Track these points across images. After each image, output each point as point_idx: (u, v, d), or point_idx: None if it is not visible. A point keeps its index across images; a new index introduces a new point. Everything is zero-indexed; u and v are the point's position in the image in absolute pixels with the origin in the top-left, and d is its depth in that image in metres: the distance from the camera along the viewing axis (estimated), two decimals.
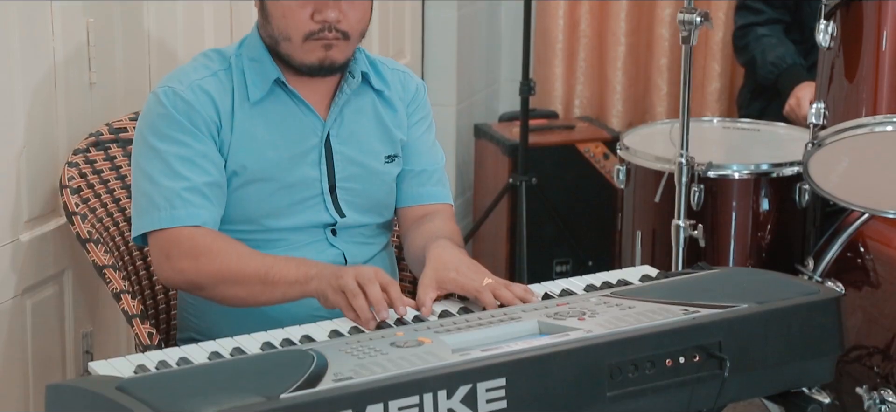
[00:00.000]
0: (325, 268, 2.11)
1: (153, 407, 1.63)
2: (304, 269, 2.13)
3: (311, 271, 2.12)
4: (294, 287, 2.12)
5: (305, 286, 2.11)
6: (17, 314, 2.49)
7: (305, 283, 2.11)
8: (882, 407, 2.84)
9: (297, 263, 2.15)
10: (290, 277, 2.13)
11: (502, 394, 1.76)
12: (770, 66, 3.73)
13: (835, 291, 2.07)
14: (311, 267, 2.13)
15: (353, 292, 2.03)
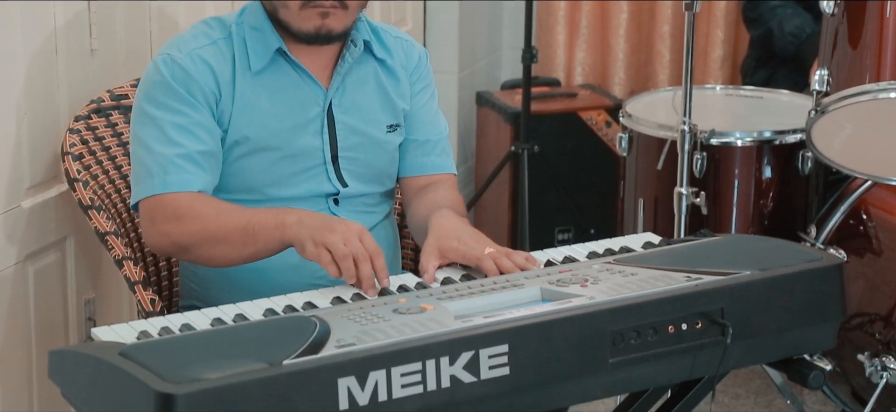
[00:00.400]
0: (307, 217, 2.09)
1: (156, 372, 1.64)
2: (283, 216, 2.11)
3: (290, 218, 2.10)
4: (274, 233, 2.10)
5: (284, 232, 2.09)
6: (19, 281, 2.49)
7: (283, 229, 2.09)
8: (883, 373, 2.84)
9: (276, 211, 2.14)
10: (269, 225, 2.11)
11: (505, 361, 1.76)
12: (790, 36, 3.72)
13: (837, 258, 2.06)
14: (289, 214, 2.11)
15: (343, 255, 2.01)
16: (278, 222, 2.11)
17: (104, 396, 1.72)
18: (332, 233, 2.03)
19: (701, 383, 2.02)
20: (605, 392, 1.87)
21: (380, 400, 1.69)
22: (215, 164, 2.25)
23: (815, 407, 3.46)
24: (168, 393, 1.59)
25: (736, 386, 3.59)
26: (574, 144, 4.25)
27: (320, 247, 2.03)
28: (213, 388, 1.61)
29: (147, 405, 1.61)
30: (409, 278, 2.07)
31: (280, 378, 1.64)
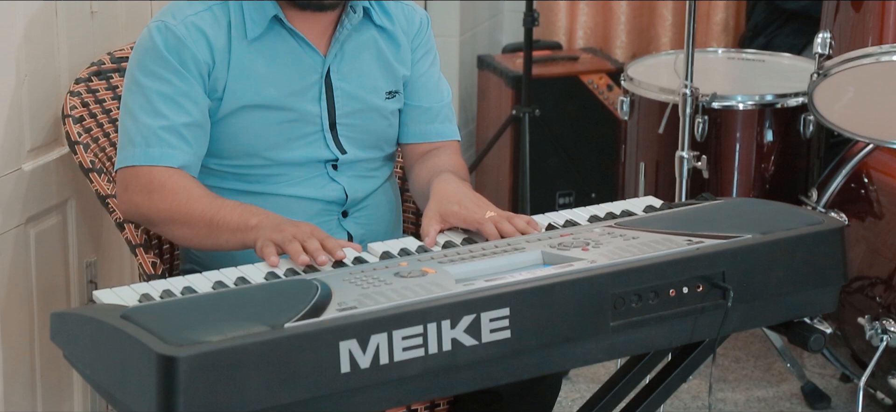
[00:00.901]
0: (268, 219, 2.09)
1: (158, 335, 1.64)
2: (246, 218, 2.10)
3: (252, 221, 2.09)
4: (235, 234, 2.11)
5: (245, 235, 2.09)
6: (20, 243, 2.50)
7: (245, 232, 2.09)
8: (884, 336, 2.85)
9: (241, 211, 2.13)
10: (232, 224, 2.11)
11: (506, 324, 1.77)
12: None
13: (838, 222, 2.06)
14: (252, 216, 2.10)
15: (287, 239, 2.00)
16: (240, 224, 2.10)
17: (106, 359, 1.73)
18: (281, 231, 2.03)
19: (701, 346, 2.03)
20: (605, 355, 1.88)
21: (381, 363, 1.70)
22: (201, 136, 2.24)
23: (816, 370, 3.48)
24: (170, 355, 1.60)
25: (736, 349, 3.60)
26: (575, 108, 4.24)
27: (269, 244, 2.02)
28: (215, 351, 1.61)
29: (149, 367, 1.61)
30: (411, 242, 2.07)
31: (281, 341, 1.65)
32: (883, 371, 2.91)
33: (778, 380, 3.45)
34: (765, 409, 3.30)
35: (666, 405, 3.10)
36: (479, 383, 1.80)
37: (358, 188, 2.34)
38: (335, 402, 1.70)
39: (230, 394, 1.62)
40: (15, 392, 2.51)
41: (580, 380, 3.40)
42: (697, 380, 3.39)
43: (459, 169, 2.35)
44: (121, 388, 1.71)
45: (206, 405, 1.61)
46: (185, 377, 1.60)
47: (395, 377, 1.71)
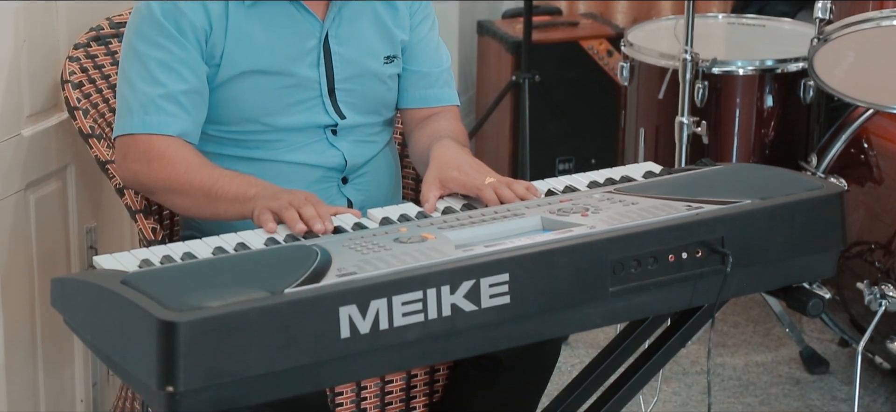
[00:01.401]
0: (266, 189, 2.09)
1: (158, 300, 1.64)
2: (244, 189, 2.10)
3: (250, 191, 2.09)
4: (233, 204, 2.11)
5: (243, 205, 2.09)
6: (20, 209, 2.50)
7: (243, 202, 2.09)
8: (882, 301, 2.86)
9: (240, 181, 2.13)
10: (230, 195, 2.11)
11: (505, 290, 1.77)
12: None
13: (838, 187, 2.06)
14: (250, 187, 2.11)
15: (283, 207, 2.00)
16: (239, 194, 2.10)
17: (106, 324, 1.73)
18: (278, 199, 2.03)
19: (700, 311, 2.03)
20: (605, 320, 1.88)
21: (381, 328, 1.70)
22: (200, 103, 2.23)
23: (814, 335, 3.48)
24: (170, 320, 1.60)
25: (735, 314, 3.61)
26: (575, 74, 4.23)
27: (265, 211, 2.02)
28: (215, 316, 1.62)
29: (149, 332, 1.62)
30: (411, 208, 2.07)
31: (281, 306, 1.65)
32: (881, 335, 2.92)
33: (776, 345, 3.46)
34: (763, 374, 3.31)
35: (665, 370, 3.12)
36: (478, 348, 1.80)
37: (357, 154, 2.34)
38: (335, 368, 1.70)
39: (230, 360, 1.63)
40: (16, 357, 2.52)
41: (579, 345, 3.41)
42: (696, 346, 3.40)
43: (459, 134, 2.35)
44: (121, 353, 1.71)
45: (206, 370, 1.62)
46: (185, 342, 1.60)
47: (395, 343, 1.72)
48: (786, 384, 3.27)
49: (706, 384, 3.24)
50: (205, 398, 1.64)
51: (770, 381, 3.28)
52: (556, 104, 4.15)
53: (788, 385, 3.26)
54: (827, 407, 3.16)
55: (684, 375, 3.30)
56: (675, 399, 3.19)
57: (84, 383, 2.74)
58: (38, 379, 2.60)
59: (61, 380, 2.67)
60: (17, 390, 2.53)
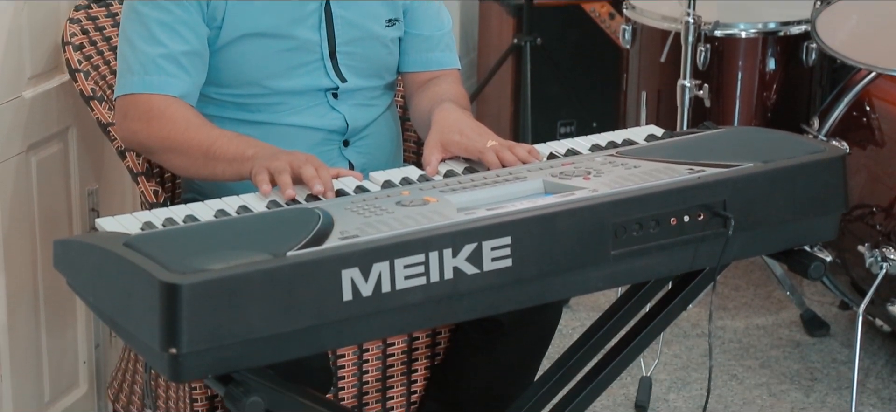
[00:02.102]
0: (264, 150, 2.09)
1: (161, 263, 1.64)
2: (243, 149, 2.10)
3: (249, 151, 2.09)
4: (232, 165, 2.10)
5: (241, 166, 2.08)
6: (22, 171, 2.50)
7: (241, 162, 2.08)
8: (883, 264, 2.86)
9: (238, 142, 2.12)
10: (229, 155, 2.10)
11: (507, 253, 1.77)
12: None
13: (840, 149, 2.06)
14: (249, 147, 2.10)
15: (280, 169, 1.99)
16: (237, 154, 2.10)
17: (109, 286, 1.73)
18: (277, 160, 2.02)
19: (702, 274, 2.03)
20: (606, 283, 1.88)
21: (383, 291, 1.70)
22: (200, 64, 2.23)
23: (815, 298, 3.49)
24: (173, 283, 1.60)
25: (736, 277, 3.62)
26: (577, 37, 4.22)
27: (263, 170, 2.01)
28: (218, 279, 1.62)
29: (152, 295, 1.62)
30: (412, 171, 2.07)
31: (284, 269, 1.65)
32: (882, 298, 2.92)
33: (777, 308, 3.47)
34: (764, 337, 3.32)
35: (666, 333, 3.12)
36: (480, 311, 1.81)
37: (358, 117, 2.34)
38: (337, 330, 1.71)
39: (233, 322, 1.63)
40: (18, 319, 2.52)
41: (581, 308, 3.42)
42: (697, 309, 3.41)
43: (460, 98, 2.34)
44: (124, 315, 1.72)
45: (208, 332, 1.62)
46: (187, 304, 1.60)
47: (397, 305, 1.72)
48: (786, 347, 3.28)
49: (707, 347, 3.25)
50: (207, 360, 1.65)
51: (771, 344, 3.29)
52: (557, 67, 4.14)
53: (789, 348, 3.27)
54: (827, 369, 3.17)
55: (685, 338, 3.31)
56: (675, 361, 3.20)
57: (87, 345, 2.75)
58: (40, 340, 2.60)
59: (64, 342, 2.68)
60: (20, 352, 2.54)
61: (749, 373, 3.15)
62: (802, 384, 3.10)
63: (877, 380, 3.11)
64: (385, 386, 2.34)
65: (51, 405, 2.66)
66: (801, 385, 3.10)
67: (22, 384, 2.55)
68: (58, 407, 2.68)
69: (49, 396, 2.65)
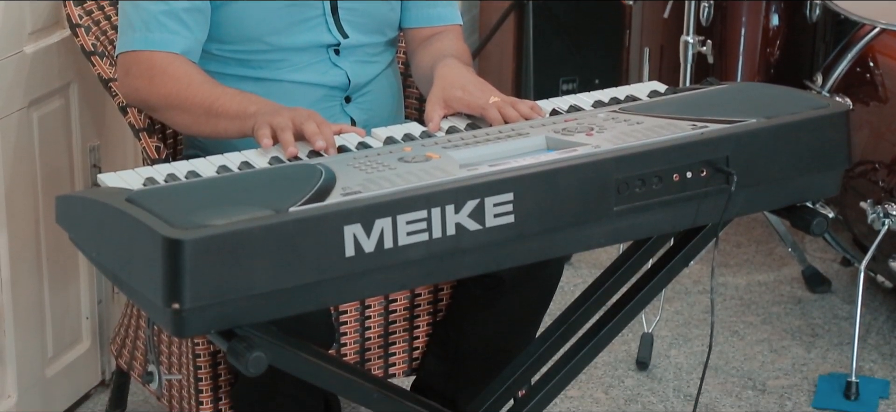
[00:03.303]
0: (267, 106, 2.08)
1: (163, 218, 1.64)
2: (245, 106, 2.09)
3: (251, 108, 2.08)
4: (234, 121, 2.10)
5: (243, 122, 2.08)
6: (23, 126, 2.50)
7: (244, 119, 2.08)
8: (885, 220, 2.86)
9: (241, 98, 2.11)
10: (231, 111, 2.10)
11: (510, 209, 1.77)
12: None
13: (843, 105, 2.06)
14: (251, 104, 2.09)
15: (282, 126, 1.98)
16: (239, 111, 2.09)
17: (111, 241, 1.73)
18: (279, 116, 2.01)
19: (704, 231, 2.04)
20: (609, 240, 1.88)
21: (385, 247, 1.70)
22: (201, 20, 2.22)
23: (816, 254, 3.49)
24: (175, 238, 1.60)
25: (738, 234, 3.62)
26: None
27: (265, 126, 2.00)
28: (220, 234, 1.62)
29: (154, 250, 1.62)
30: (415, 127, 2.07)
31: (286, 225, 1.65)
32: (884, 254, 2.93)
33: (779, 265, 3.47)
34: (766, 293, 3.33)
35: (667, 289, 3.13)
36: (482, 268, 1.81)
37: (360, 73, 2.33)
38: (340, 286, 1.71)
39: (235, 278, 1.64)
40: (21, 274, 2.53)
41: (582, 264, 3.42)
42: (699, 265, 3.41)
43: (462, 54, 2.34)
44: (126, 271, 1.72)
45: (211, 288, 1.63)
46: (190, 260, 1.61)
47: (399, 261, 1.72)
48: (788, 303, 3.28)
49: (709, 303, 3.25)
50: (210, 315, 1.65)
51: (772, 300, 3.29)
52: (560, 23, 4.12)
53: (790, 304, 3.28)
54: (828, 325, 3.17)
55: (687, 294, 3.32)
56: (677, 318, 3.21)
57: (89, 300, 2.75)
58: (43, 295, 2.61)
59: (67, 297, 2.69)
60: (24, 307, 2.54)
61: (750, 330, 3.16)
62: (804, 340, 3.11)
63: (878, 337, 3.11)
64: (387, 342, 2.35)
65: (54, 360, 2.67)
66: (803, 341, 3.11)
67: (25, 340, 2.56)
68: (61, 362, 2.69)
69: (52, 352, 2.66)
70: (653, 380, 2.95)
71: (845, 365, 2.96)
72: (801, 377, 2.96)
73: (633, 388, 2.92)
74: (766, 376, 2.97)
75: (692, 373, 2.98)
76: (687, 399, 2.87)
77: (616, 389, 2.92)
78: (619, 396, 2.89)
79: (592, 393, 2.90)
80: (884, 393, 2.88)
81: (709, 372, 2.94)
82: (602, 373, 2.97)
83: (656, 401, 2.87)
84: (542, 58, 4.05)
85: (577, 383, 2.87)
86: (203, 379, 2.23)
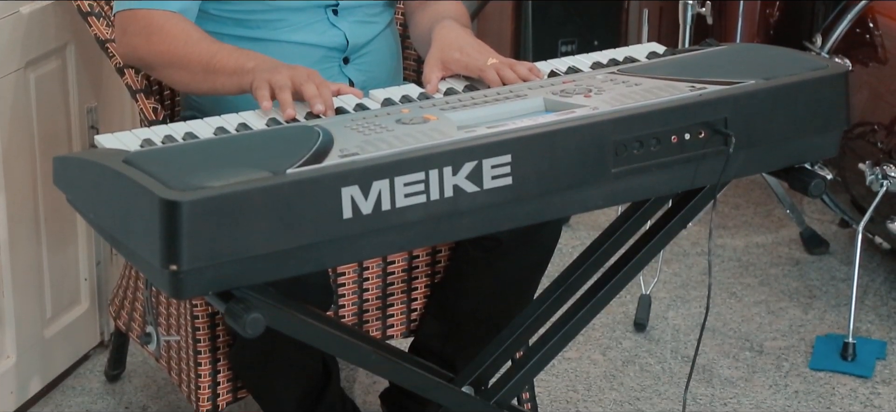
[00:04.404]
0: (265, 62, 2.07)
1: (161, 180, 1.64)
2: (243, 61, 2.08)
3: (249, 64, 2.07)
4: (232, 78, 2.09)
5: (241, 78, 2.07)
6: (21, 87, 2.49)
7: (242, 75, 2.07)
8: (884, 181, 2.86)
9: (239, 55, 2.11)
10: (229, 68, 2.09)
11: (508, 171, 1.77)
12: None
13: (842, 67, 2.05)
14: (249, 60, 2.09)
15: (281, 86, 1.98)
16: (237, 67, 2.08)
17: (109, 203, 1.73)
18: (278, 73, 2.01)
19: (702, 192, 2.03)
20: (606, 201, 1.88)
21: (383, 209, 1.70)
22: None
23: (815, 216, 3.50)
24: (173, 200, 1.60)
25: (736, 196, 3.62)
26: None
27: (264, 84, 2.00)
28: (218, 196, 1.62)
29: (152, 212, 1.62)
30: (413, 89, 2.06)
31: (283, 186, 1.65)
32: (882, 216, 2.93)
33: (777, 226, 3.47)
34: (763, 255, 3.33)
35: (665, 251, 3.13)
36: (480, 229, 1.81)
37: (359, 34, 2.33)
38: (337, 247, 1.71)
39: (233, 239, 1.64)
40: (19, 235, 2.53)
41: (580, 226, 3.42)
42: (697, 227, 3.42)
43: (461, 15, 2.33)
44: (124, 233, 1.72)
45: (209, 249, 1.63)
46: (188, 221, 1.61)
47: (397, 223, 1.72)
48: (786, 264, 3.29)
49: (706, 265, 3.26)
50: (208, 277, 1.65)
51: (770, 262, 3.30)
52: None
53: (788, 265, 3.28)
54: (826, 287, 3.18)
55: (685, 256, 3.32)
56: (675, 280, 3.21)
57: (88, 261, 2.76)
58: (42, 257, 2.61)
59: (65, 259, 2.69)
60: (22, 269, 2.55)
61: (748, 291, 3.16)
62: (801, 301, 3.12)
63: (875, 298, 3.12)
64: (385, 304, 2.35)
65: (52, 322, 2.67)
66: (800, 302, 3.11)
67: (23, 301, 2.56)
68: (59, 323, 2.69)
69: (51, 313, 2.66)
70: (650, 341, 2.96)
71: (842, 326, 2.97)
72: (799, 338, 2.97)
73: (631, 350, 2.93)
74: (764, 337, 2.97)
75: (690, 334, 2.98)
76: (684, 360, 2.88)
77: (614, 351, 2.92)
78: (617, 358, 2.90)
79: (590, 354, 2.91)
80: (880, 353, 2.89)
81: (706, 333, 2.95)
82: (600, 335, 2.97)
83: (654, 362, 2.88)
84: (541, 19, 4.03)
85: (574, 344, 2.88)
86: (201, 340, 2.24)
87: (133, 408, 2.68)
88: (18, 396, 2.59)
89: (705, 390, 2.78)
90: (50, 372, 2.68)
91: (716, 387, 2.79)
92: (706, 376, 2.83)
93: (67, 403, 2.68)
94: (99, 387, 2.74)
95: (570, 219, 3.43)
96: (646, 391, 2.77)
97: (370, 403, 2.67)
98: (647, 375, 2.83)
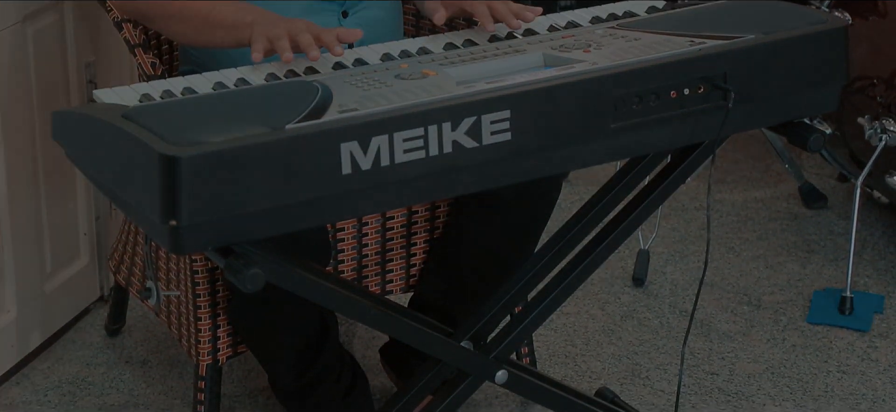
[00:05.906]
0: (263, 16, 2.07)
1: (160, 135, 1.64)
2: (242, 15, 2.08)
3: (247, 18, 2.07)
4: (230, 31, 2.08)
5: (240, 32, 2.07)
6: (18, 41, 2.48)
7: (240, 29, 2.06)
8: (883, 136, 2.86)
9: (237, 8, 2.10)
10: (227, 21, 2.08)
11: (507, 126, 1.77)
12: None
13: (841, 20, 2.05)
14: (247, 13, 2.08)
15: (278, 36, 1.97)
16: (235, 21, 2.07)
17: (108, 158, 1.73)
18: (276, 27, 2.00)
19: (701, 147, 2.04)
20: (606, 157, 1.88)
21: (382, 164, 1.70)
22: None
23: (813, 170, 3.50)
24: (172, 155, 1.60)
25: (735, 151, 3.62)
26: None
27: (261, 38, 1.99)
28: (217, 151, 1.62)
29: (151, 167, 1.62)
30: (411, 43, 2.06)
31: (282, 142, 1.65)
32: (880, 170, 2.93)
33: (776, 181, 3.48)
34: (762, 210, 3.33)
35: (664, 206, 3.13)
36: (479, 185, 1.81)
37: None
38: (336, 203, 1.71)
39: (232, 195, 1.64)
40: (18, 191, 2.53)
41: (580, 182, 3.42)
42: (696, 182, 3.42)
43: None
44: (123, 187, 1.72)
45: (208, 205, 1.63)
46: (187, 177, 1.61)
47: (396, 179, 1.72)
48: (784, 219, 3.29)
49: (705, 220, 3.26)
50: (207, 232, 1.65)
51: (768, 216, 3.30)
52: None
53: (787, 220, 3.29)
54: (824, 241, 3.18)
55: (683, 211, 3.32)
56: (673, 234, 3.22)
57: (87, 216, 2.76)
58: (41, 212, 2.61)
59: (64, 213, 2.69)
60: (21, 223, 2.55)
61: (746, 246, 3.17)
62: (799, 256, 3.12)
63: (873, 252, 3.12)
64: (384, 259, 2.36)
65: (52, 276, 2.68)
66: (798, 257, 3.12)
67: (23, 255, 2.57)
68: (59, 278, 2.70)
69: (50, 267, 2.67)
70: (649, 296, 2.97)
71: (840, 280, 2.97)
72: (797, 292, 2.98)
73: (629, 305, 2.93)
74: (762, 292, 2.98)
75: (688, 289, 2.99)
76: (682, 315, 2.89)
77: (612, 305, 2.93)
78: (616, 312, 2.90)
79: (589, 309, 2.91)
80: (878, 308, 2.90)
81: (704, 288, 2.96)
82: (598, 290, 2.98)
83: (652, 316, 2.89)
84: None
85: (573, 299, 2.88)
86: (201, 295, 2.24)
87: (133, 363, 2.69)
88: (19, 350, 2.60)
89: (703, 344, 2.79)
90: (50, 326, 2.69)
91: (714, 341, 2.80)
92: (704, 330, 2.84)
93: (68, 357, 2.69)
94: (99, 341, 2.75)
95: (570, 175, 3.43)
96: (644, 345, 2.78)
97: (369, 357, 2.68)
98: (646, 330, 2.84)
